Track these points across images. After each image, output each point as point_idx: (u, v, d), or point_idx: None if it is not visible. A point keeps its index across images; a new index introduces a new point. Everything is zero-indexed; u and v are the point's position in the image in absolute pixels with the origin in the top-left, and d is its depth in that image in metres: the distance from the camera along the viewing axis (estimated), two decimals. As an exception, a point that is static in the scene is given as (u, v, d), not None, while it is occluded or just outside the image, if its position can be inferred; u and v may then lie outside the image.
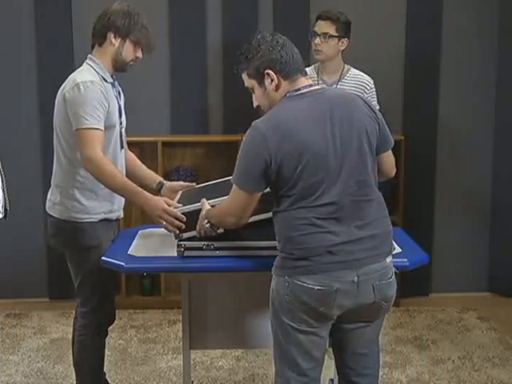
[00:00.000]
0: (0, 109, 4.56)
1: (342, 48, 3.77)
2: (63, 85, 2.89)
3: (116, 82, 2.99)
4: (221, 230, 2.58)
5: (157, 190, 3.13)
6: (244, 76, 2.44)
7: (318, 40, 3.71)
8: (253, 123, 2.33)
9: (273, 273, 2.39)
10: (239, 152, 2.35)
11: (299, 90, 2.37)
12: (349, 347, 2.47)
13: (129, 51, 2.90)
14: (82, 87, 2.78)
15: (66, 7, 4.47)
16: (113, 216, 3.03)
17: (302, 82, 2.39)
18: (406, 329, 4.31)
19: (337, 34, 3.71)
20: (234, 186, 2.37)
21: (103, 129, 2.80)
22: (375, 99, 3.82)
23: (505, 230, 4.79)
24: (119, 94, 3.00)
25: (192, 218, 2.66)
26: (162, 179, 3.16)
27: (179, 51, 4.48)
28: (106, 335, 3.11)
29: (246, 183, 2.33)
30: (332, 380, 3.19)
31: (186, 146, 4.66)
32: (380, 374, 3.63)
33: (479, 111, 4.75)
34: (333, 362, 2.67)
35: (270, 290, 2.40)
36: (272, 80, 2.37)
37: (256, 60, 2.38)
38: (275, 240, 2.40)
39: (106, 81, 2.90)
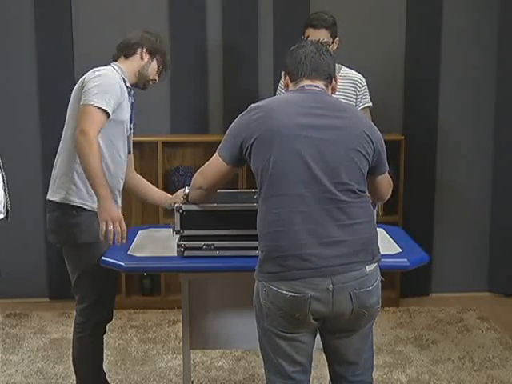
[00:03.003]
0: (0, 108, 4.56)
1: (335, 48, 3.76)
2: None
3: (132, 92, 3.06)
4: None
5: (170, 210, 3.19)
6: None
7: None
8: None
9: (254, 277, 2.40)
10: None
11: (303, 87, 2.45)
12: (336, 355, 2.45)
13: (153, 69, 3.08)
14: (102, 72, 2.92)
15: (65, 7, 4.48)
16: None
17: (305, 82, 2.45)
18: (406, 329, 4.31)
19: (332, 39, 3.72)
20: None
21: (110, 113, 2.84)
22: (367, 97, 3.82)
23: (505, 229, 4.79)
24: (132, 104, 3.07)
25: (192, 217, 2.67)
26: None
27: (179, 51, 4.48)
28: (104, 332, 3.11)
29: (223, 151, 2.44)
30: None
31: (186, 146, 4.67)
32: (380, 373, 3.66)
33: (479, 111, 4.75)
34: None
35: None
36: (284, 81, 2.54)
37: None
38: None
39: (124, 83, 3.00)
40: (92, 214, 2.93)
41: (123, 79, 2.99)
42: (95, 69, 2.95)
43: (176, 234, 2.72)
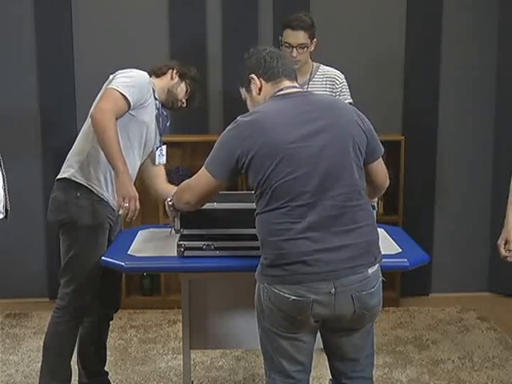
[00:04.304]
0: (0, 109, 4.56)
1: (312, 49, 3.78)
2: None
3: (161, 105, 3.14)
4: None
5: None
6: (241, 90, 2.55)
7: (295, 53, 3.68)
8: (237, 117, 2.39)
9: (255, 278, 2.40)
10: (217, 140, 2.40)
11: (282, 90, 2.41)
12: (337, 352, 2.46)
13: (182, 90, 3.16)
14: (133, 70, 3.00)
15: (65, 7, 4.48)
16: (107, 198, 3.03)
17: (286, 83, 2.42)
18: (406, 329, 4.31)
19: (310, 41, 3.73)
20: (203, 166, 2.41)
21: (131, 104, 2.89)
22: (346, 93, 3.82)
23: (505, 229, 4.79)
24: (161, 116, 3.16)
25: (192, 216, 2.67)
26: None
27: (179, 51, 4.48)
28: (108, 326, 3.22)
29: (213, 168, 2.37)
30: (332, 380, 3.19)
31: (186, 146, 4.66)
32: (380, 373, 3.66)
33: (479, 111, 4.75)
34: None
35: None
36: (255, 84, 2.45)
37: (246, 70, 2.47)
38: None
39: (153, 93, 3.07)
40: (95, 200, 2.96)
41: (153, 90, 3.05)
42: None
43: (176, 233, 2.72)
